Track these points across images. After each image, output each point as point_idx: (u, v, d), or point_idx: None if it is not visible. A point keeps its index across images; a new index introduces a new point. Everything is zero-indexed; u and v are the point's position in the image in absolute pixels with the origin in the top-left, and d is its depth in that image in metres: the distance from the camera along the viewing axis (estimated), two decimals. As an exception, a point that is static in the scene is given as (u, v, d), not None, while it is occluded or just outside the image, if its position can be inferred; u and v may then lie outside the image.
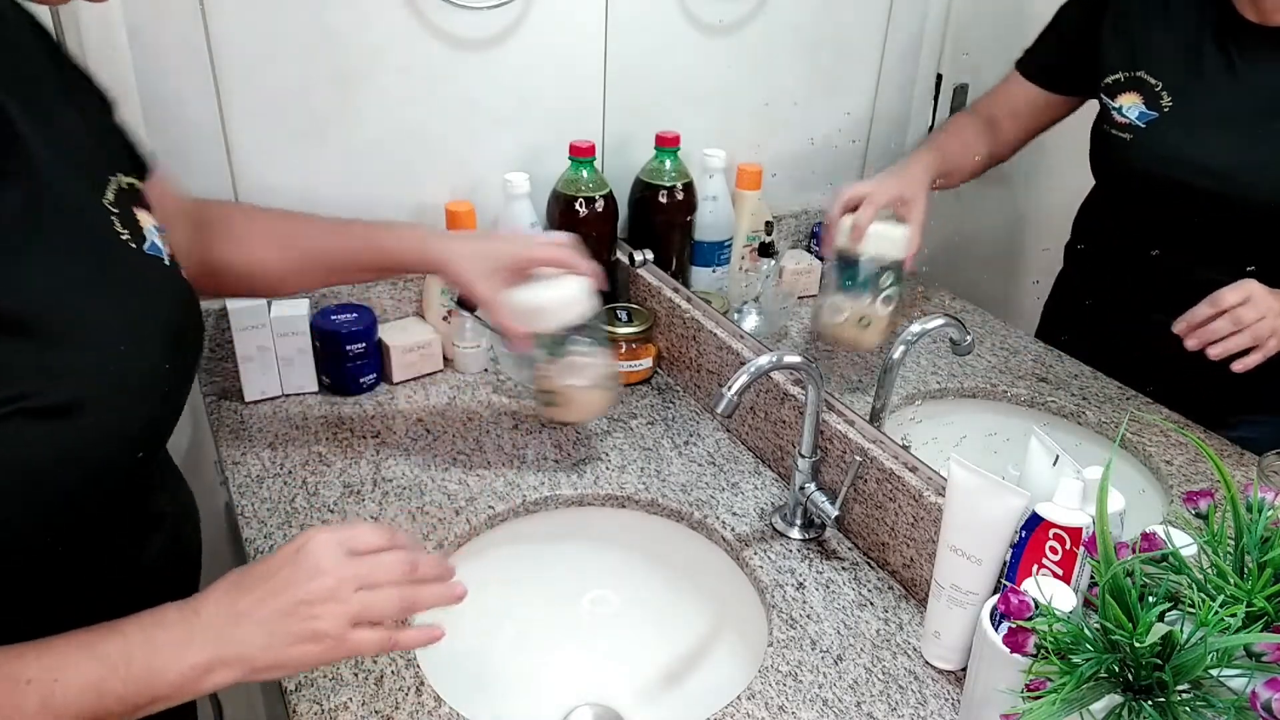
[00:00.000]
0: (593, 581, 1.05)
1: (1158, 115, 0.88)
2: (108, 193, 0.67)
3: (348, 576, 0.62)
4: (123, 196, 0.68)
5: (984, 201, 1.19)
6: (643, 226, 1.29)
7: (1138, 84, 0.89)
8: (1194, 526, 0.64)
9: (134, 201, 0.70)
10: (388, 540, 0.66)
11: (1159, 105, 0.88)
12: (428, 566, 0.67)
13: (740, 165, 1.27)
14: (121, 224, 0.67)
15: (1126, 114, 0.89)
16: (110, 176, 0.68)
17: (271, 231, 0.92)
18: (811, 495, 0.95)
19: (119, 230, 0.66)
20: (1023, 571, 0.73)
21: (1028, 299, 1.10)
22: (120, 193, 0.68)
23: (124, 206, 0.68)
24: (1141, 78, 0.89)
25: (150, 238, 0.68)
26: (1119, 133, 0.90)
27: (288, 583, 0.61)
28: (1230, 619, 0.55)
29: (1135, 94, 0.89)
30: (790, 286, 1.28)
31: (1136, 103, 0.89)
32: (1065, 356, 1.03)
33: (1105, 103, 0.92)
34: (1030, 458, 0.78)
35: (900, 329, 1.05)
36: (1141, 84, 0.89)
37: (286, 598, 0.60)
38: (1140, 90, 0.89)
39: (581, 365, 1.01)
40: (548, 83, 1.24)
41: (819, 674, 0.81)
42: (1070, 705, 0.56)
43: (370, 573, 0.63)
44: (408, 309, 1.25)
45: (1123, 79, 0.90)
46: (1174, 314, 0.88)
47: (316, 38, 1.09)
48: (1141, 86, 0.89)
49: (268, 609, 0.60)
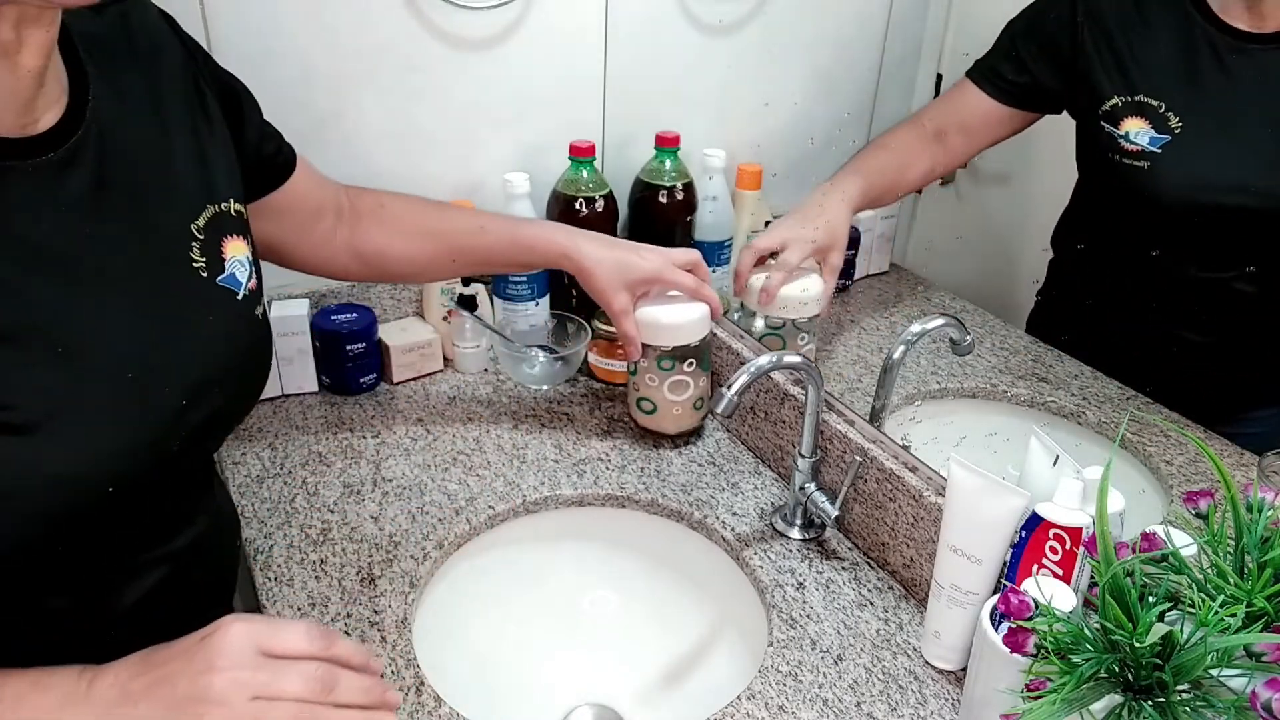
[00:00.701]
0: (593, 581, 1.05)
1: (1170, 138, 0.86)
2: (200, 218, 0.67)
3: (244, 680, 0.54)
4: (217, 222, 0.68)
5: (984, 201, 1.19)
6: (643, 226, 1.29)
7: (1140, 108, 0.87)
8: (1194, 526, 0.64)
9: (230, 230, 0.70)
10: (317, 647, 0.57)
11: (1168, 128, 0.86)
12: (349, 691, 0.57)
13: (740, 165, 1.27)
14: (201, 251, 0.66)
15: (1136, 140, 0.87)
16: (209, 203, 0.68)
17: (422, 225, 0.96)
18: (811, 495, 0.95)
19: (195, 257, 0.66)
20: (1023, 571, 0.73)
21: (1028, 299, 1.10)
22: (216, 218, 0.68)
23: (213, 233, 0.68)
24: (1143, 101, 0.87)
25: (231, 269, 0.68)
26: (1132, 161, 0.88)
27: (181, 673, 0.54)
28: (1230, 619, 0.55)
29: (1140, 119, 0.87)
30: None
31: (1144, 128, 0.87)
32: (1065, 356, 1.03)
33: (1108, 131, 0.89)
34: (1030, 458, 0.78)
35: (901, 329, 1.05)
36: (1144, 107, 0.87)
37: (176, 690, 0.54)
38: (1144, 114, 0.87)
39: (685, 384, 1.07)
40: (548, 83, 1.24)
41: (819, 674, 0.81)
42: (1070, 705, 0.56)
43: (273, 681, 0.54)
44: (408, 309, 1.25)
45: (1121, 104, 0.88)
46: (1173, 314, 0.88)
47: (316, 38, 1.09)
48: (1144, 110, 0.87)
49: (156, 698, 0.54)
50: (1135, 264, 0.93)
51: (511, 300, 1.23)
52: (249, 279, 0.71)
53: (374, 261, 0.95)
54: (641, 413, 1.11)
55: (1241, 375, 0.88)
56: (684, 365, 1.07)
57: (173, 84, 0.69)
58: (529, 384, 1.21)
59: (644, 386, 1.08)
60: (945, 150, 1.06)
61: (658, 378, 1.07)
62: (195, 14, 1.02)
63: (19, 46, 0.54)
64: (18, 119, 0.56)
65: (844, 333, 1.22)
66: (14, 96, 0.55)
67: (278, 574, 0.89)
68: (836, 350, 1.18)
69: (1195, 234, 0.87)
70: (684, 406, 1.09)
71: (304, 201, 0.85)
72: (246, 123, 0.78)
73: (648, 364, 1.07)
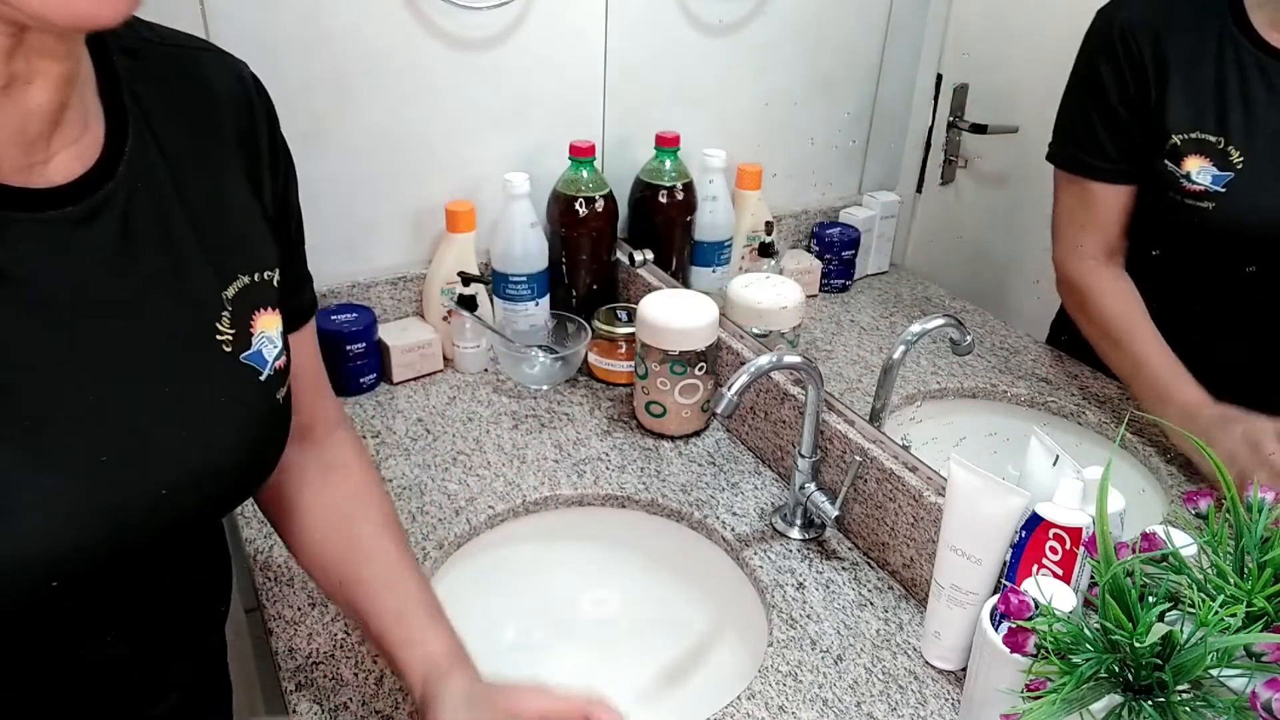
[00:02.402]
0: (593, 581, 1.05)
1: (1233, 175, 0.82)
2: (231, 288, 0.60)
3: None
4: (250, 293, 0.62)
5: (984, 201, 1.19)
6: (643, 226, 1.29)
7: (1199, 145, 0.83)
8: (1194, 526, 0.64)
9: (265, 302, 0.63)
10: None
11: (1229, 164, 0.82)
12: None
13: (740, 165, 1.27)
14: (230, 323, 0.60)
15: (1199, 180, 0.83)
16: (244, 272, 0.62)
17: (335, 549, 0.73)
18: (811, 495, 0.95)
19: (220, 328, 0.59)
20: (1023, 571, 0.73)
21: (1028, 299, 1.09)
22: (249, 289, 0.62)
23: (244, 305, 0.61)
24: (1201, 138, 0.83)
25: (259, 346, 0.62)
26: (1196, 202, 0.83)
27: None
28: (1230, 619, 0.55)
29: (1201, 157, 0.83)
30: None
31: (1206, 165, 0.83)
32: (1065, 356, 1.03)
33: (1169, 170, 0.85)
34: (1030, 458, 0.78)
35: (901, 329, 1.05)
36: (1203, 144, 0.83)
37: None
38: (1203, 151, 0.83)
39: (695, 387, 1.08)
40: (548, 83, 1.24)
41: (819, 674, 0.81)
42: (1070, 705, 0.56)
43: None
44: (408, 309, 1.25)
45: (1180, 143, 0.84)
46: (1232, 353, 0.85)
47: (316, 38, 1.09)
48: (1203, 147, 0.83)
49: None
50: (1194, 300, 0.89)
51: (511, 300, 1.23)
52: (277, 358, 0.63)
53: (280, 523, 0.76)
54: (650, 416, 1.11)
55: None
56: (695, 369, 1.07)
57: (234, 140, 0.63)
58: (529, 384, 1.21)
59: (655, 390, 1.09)
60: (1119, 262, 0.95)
61: (669, 382, 1.07)
62: (195, 14, 1.02)
63: (29, 79, 0.49)
64: (21, 159, 0.51)
65: (844, 333, 1.22)
66: (18, 136, 0.50)
67: (277, 574, 0.89)
68: (836, 350, 1.18)
69: (1266, 269, 0.83)
70: (693, 409, 1.10)
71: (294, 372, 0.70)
72: (294, 226, 0.71)
73: (659, 368, 1.07)
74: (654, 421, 1.11)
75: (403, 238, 1.24)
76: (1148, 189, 0.89)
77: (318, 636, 0.83)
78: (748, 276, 1.15)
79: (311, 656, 0.81)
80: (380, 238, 1.22)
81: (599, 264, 1.28)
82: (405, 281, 1.24)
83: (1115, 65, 0.88)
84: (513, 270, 1.22)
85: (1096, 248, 0.94)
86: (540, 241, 1.23)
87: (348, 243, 1.20)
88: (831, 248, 1.28)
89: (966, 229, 1.22)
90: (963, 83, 1.15)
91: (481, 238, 1.24)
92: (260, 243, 0.64)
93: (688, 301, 1.07)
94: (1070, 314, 0.98)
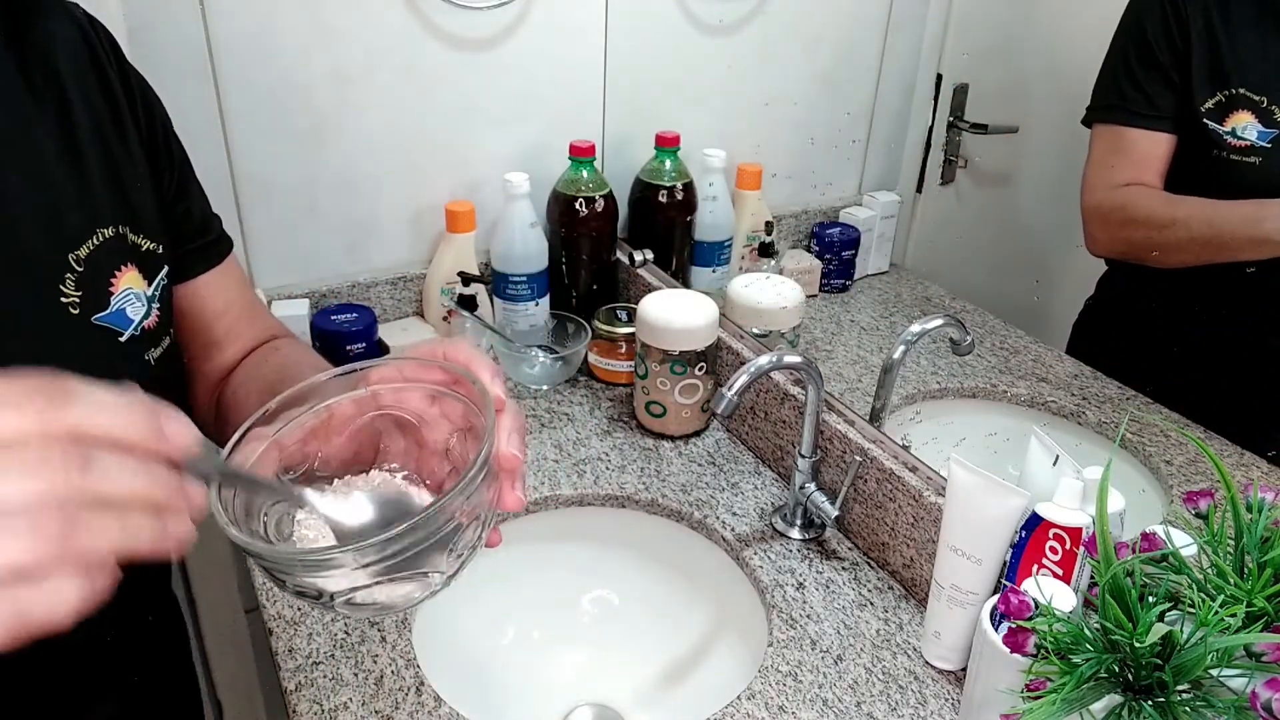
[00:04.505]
0: (593, 581, 1.04)
1: (1278, 131, 0.82)
2: (83, 247, 0.56)
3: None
4: (108, 251, 0.58)
5: (984, 201, 1.19)
6: (643, 226, 1.29)
7: (1243, 101, 0.84)
8: (1194, 526, 0.64)
9: (124, 259, 0.59)
10: (40, 421, 0.35)
11: (1274, 121, 0.83)
12: (114, 478, 0.36)
13: (740, 165, 1.27)
14: (76, 284, 0.56)
15: (1244, 135, 0.83)
16: (99, 228, 0.57)
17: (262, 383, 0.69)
18: (811, 495, 0.95)
19: (64, 290, 0.55)
20: (1023, 571, 0.73)
21: (1028, 299, 1.10)
22: (106, 246, 0.57)
23: (101, 264, 0.57)
24: (1244, 94, 0.84)
25: (120, 305, 0.58)
26: (1243, 157, 0.84)
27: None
28: (1230, 619, 0.55)
29: (1246, 112, 0.84)
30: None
31: (1251, 122, 0.83)
32: (1065, 356, 1.03)
33: (1212, 128, 0.86)
34: (1030, 458, 0.78)
35: (901, 329, 1.05)
36: (1247, 100, 0.84)
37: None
38: (1248, 108, 0.84)
39: (695, 387, 1.08)
40: (548, 83, 1.24)
41: (819, 674, 0.81)
42: (1070, 705, 0.56)
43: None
44: (408, 309, 1.25)
45: (1223, 99, 0.85)
46: (1271, 318, 0.85)
47: (316, 37, 1.09)
48: (1247, 103, 0.84)
49: None
50: (1239, 265, 0.88)
51: (511, 300, 1.23)
52: (145, 317, 0.59)
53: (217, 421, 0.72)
54: (650, 416, 1.11)
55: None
56: (695, 369, 1.07)
57: (82, 93, 0.59)
58: (529, 384, 1.21)
59: (655, 390, 1.09)
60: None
61: (669, 382, 1.07)
62: (195, 14, 1.02)
63: None
64: None
65: (844, 333, 1.22)
66: None
67: (278, 574, 0.89)
68: (836, 350, 1.18)
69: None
70: (693, 409, 1.10)
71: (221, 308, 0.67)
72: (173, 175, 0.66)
73: (659, 368, 1.07)
74: (654, 421, 1.11)
75: (403, 237, 1.24)
76: (1189, 146, 0.89)
77: (318, 636, 0.83)
78: (748, 276, 1.15)
79: (311, 656, 0.81)
80: (380, 238, 1.22)
81: (599, 264, 1.28)
82: (405, 281, 1.24)
83: (1162, 19, 0.88)
84: (513, 270, 1.22)
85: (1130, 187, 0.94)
86: (540, 241, 1.23)
87: (348, 243, 1.21)
88: (831, 248, 1.28)
89: (966, 229, 1.22)
90: (963, 83, 1.15)
91: (481, 238, 1.24)
92: (122, 199, 0.60)
93: (688, 301, 1.07)
94: (1115, 240, 0.97)
